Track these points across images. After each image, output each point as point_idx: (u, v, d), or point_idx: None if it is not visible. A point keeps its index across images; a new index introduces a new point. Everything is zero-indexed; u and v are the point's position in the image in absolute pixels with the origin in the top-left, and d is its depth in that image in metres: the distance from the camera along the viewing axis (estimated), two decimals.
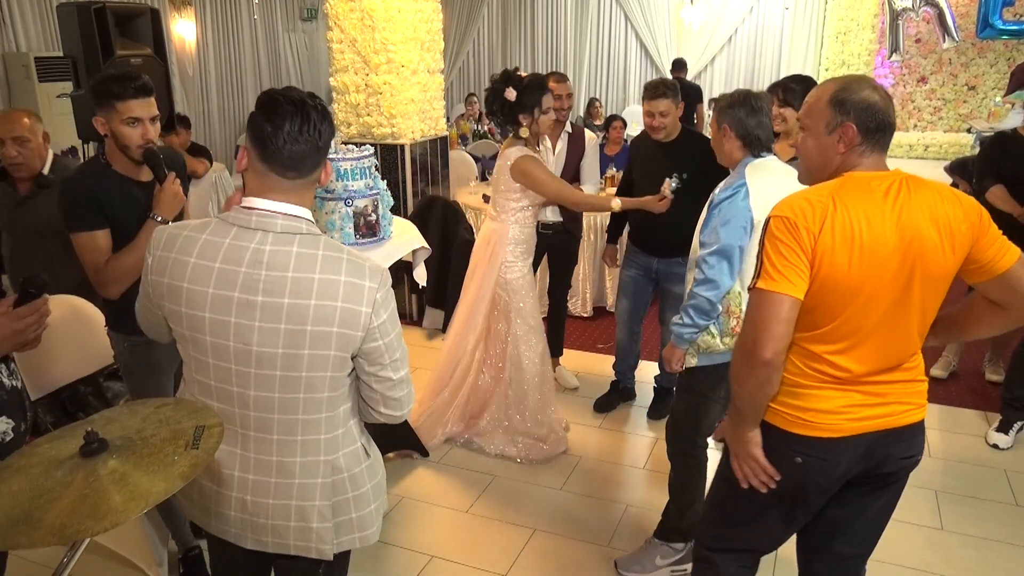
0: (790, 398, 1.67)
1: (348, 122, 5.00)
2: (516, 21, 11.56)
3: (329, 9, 4.84)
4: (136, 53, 3.72)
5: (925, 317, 1.64)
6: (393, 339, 1.49)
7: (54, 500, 1.06)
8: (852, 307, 1.58)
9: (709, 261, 2.28)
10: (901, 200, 1.56)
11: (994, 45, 9.20)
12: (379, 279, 1.45)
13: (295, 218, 1.44)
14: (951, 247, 1.56)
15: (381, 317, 1.45)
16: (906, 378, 1.67)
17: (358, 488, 1.58)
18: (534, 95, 3.16)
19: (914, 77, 9.78)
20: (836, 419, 1.64)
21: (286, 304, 1.40)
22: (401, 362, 1.52)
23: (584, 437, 3.59)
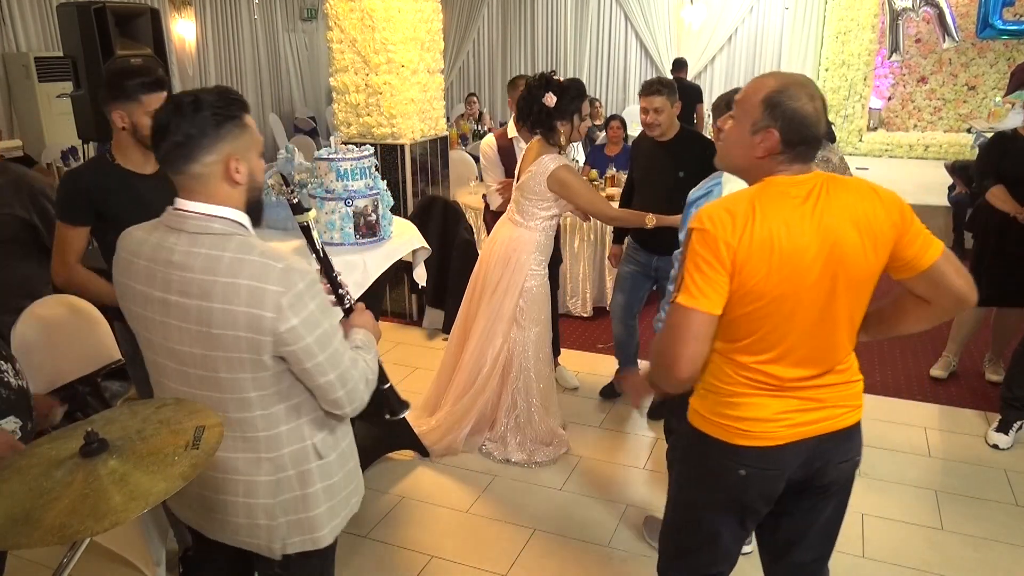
0: (727, 408, 1.64)
1: (348, 122, 5.00)
2: (516, 21, 11.56)
3: (329, 9, 4.84)
4: (136, 53, 3.72)
5: (853, 319, 1.62)
6: (311, 343, 1.41)
7: (54, 500, 1.06)
8: (776, 317, 1.55)
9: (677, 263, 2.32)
10: (821, 205, 1.53)
11: (994, 45, 9.20)
12: (288, 284, 1.38)
13: (209, 217, 1.43)
14: (873, 247, 1.54)
15: (290, 322, 1.38)
16: (840, 380, 1.65)
17: (306, 487, 1.56)
18: (574, 101, 3.07)
19: (914, 77, 9.79)
20: (774, 427, 1.62)
21: (194, 306, 1.40)
22: (327, 365, 1.45)
23: (584, 437, 3.59)
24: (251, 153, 1.49)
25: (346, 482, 1.67)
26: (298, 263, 1.43)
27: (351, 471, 1.70)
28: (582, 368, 4.33)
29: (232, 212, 1.46)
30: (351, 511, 1.73)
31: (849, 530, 2.86)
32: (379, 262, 2.75)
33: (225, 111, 1.43)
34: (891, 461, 3.34)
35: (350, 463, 1.69)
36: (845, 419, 1.66)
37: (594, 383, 4.14)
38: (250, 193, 1.51)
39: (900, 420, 3.72)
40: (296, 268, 1.41)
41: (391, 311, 5.18)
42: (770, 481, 1.68)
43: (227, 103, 1.44)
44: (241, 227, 1.46)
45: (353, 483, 1.72)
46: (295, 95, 10.51)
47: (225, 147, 1.43)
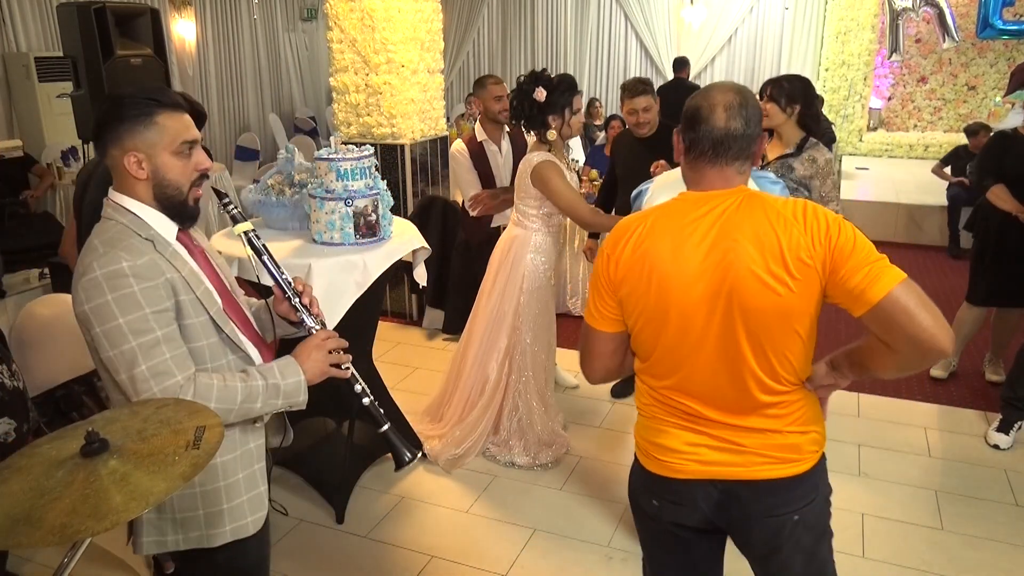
0: (646, 431, 1.59)
1: (348, 122, 5.00)
2: (516, 21, 11.56)
3: (329, 9, 4.84)
4: (136, 53, 3.72)
5: (770, 356, 1.43)
6: (99, 334, 1.41)
7: (55, 500, 1.06)
8: (663, 338, 1.47)
9: None
10: (722, 225, 1.40)
11: (994, 45, 9.20)
12: (85, 267, 1.43)
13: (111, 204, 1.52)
14: (785, 277, 1.36)
15: (80, 306, 1.43)
16: (765, 427, 1.48)
17: None
18: (565, 95, 3.04)
19: (914, 77, 9.79)
20: (681, 459, 1.52)
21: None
22: (117, 362, 1.42)
23: (584, 437, 3.59)
24: (159, 150, 1.49)
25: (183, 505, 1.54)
26: (118, 252, 1.42)
27: (197, 495, 1.54)
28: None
29: (128, 201, 1.50)
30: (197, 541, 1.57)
31: (849, 530, 2.86)
32: (379, 262, 2.75)
33: (133, 108, 1.46)
34: (891, 461, 3.34)
35: (196, 488, 1.53)
36: (767, 470, 1.48)
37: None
38: (158, 191, 1.51)
39: (900, 420, 3.72)
40: (105, 256, 1.42)
41: (391, 311, 5.18)
42: (681, 516, 1.57)
43: (143, 100, 1.47)
44: (130, 215, 1.49)
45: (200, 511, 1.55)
46: (295, 95, 10.51)
47: (127, 142, 1.47)
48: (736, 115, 1.43)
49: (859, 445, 3.44)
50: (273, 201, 2.97)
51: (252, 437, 1.61)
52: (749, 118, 1.44)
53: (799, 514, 1.51)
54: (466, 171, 3.77)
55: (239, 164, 8.69)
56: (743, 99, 1.45)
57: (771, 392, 1.45)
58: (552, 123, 3.06)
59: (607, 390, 4.03)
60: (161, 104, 1.49)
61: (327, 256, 2.68)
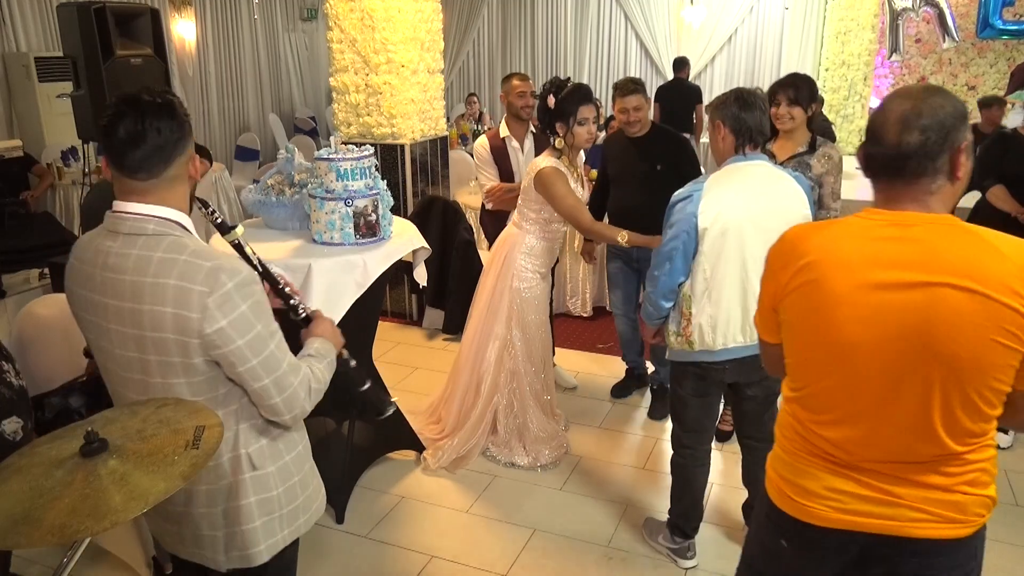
0: (785, 468, 1.45)
1: (348, 122, 5.01)
2: (516, 21, 11.56)
3: (329, 9, 4.84)
4: (136, 53, 3.72)
5: (956, 409, 1.27)
6: (241, 346, 1.37)
7: (54, 500, 1.06)
8: (826, 373, 1.33)
9: (653, 260, 2.40)
10: (918, 255, 1.25)
11: (994, 45, 9.20)
12: (212, 283, 1.34)
13: (145, 218, 1.39)
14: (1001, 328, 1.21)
15: (217, 323, 1.34)
16: (931, 482, 1.31)
17: (239, 499, 1.49)
18: (569, 103, 3.02)
19: (914, 77, 9.78)
20: (820, 504, 1.37)
21: (127, 308, 1.37)
22: (261, 369, 1.40)
23: (584, 437, 3.59)
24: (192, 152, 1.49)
25: (288, 498, 1.57)
26: (230, 262, 1.39)
27: (296, 486, 1.59)
28: (582, 368, 4.33)
29: (172, 212, 1.43)
30: (298, 530, 1.62)
31: None
32: (379, 262, 2.75)
33: (182, 109, 1.43)
34: None
35: (295, 477, 1.59)
36: (922, 528, 1.32)
37: (594, 383, 4.14)
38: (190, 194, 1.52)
39: None
40: (225, 267, 1.37)
41: (391, 311, 5.18)
42: (810, 565, 1.44)
43: (178, 103, 1.44)
44: (178, 227, 1.42)
45: (299, 499, 1.60)
46: (295, 95, 10.51)
47: (189, 146, 1.44)
48: (912, 128, 1.24)
49: None
50: (273, 201, 2.97)
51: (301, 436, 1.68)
52: (927, 128, 1.23)
53: None
54: (487, 165, 3.77)
55: (239, 164, 8.69)
56: (920, 108, 1.24)
57: (953, 444, 1.30)
58: (559, 130, 3.06)
59: (607, 390, 4.03)
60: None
61: (327, 256, 2.68)
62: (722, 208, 2.24)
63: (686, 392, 2.54)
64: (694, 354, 2.40)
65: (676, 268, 2.33)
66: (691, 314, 2.34)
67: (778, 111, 3.01)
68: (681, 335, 2.39)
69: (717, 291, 2.29)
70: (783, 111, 3.01)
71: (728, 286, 2.28)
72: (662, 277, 2.36)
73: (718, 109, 2.37)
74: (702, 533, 2.75)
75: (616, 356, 4.36)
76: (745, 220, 2.24)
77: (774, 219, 2.19)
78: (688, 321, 2.35)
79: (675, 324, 2.41)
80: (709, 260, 2.28)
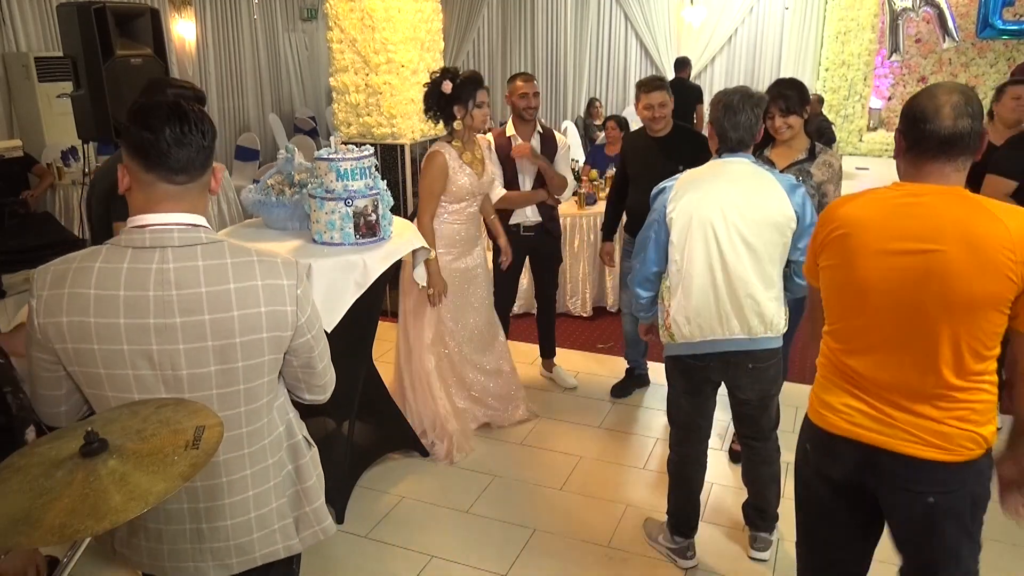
0: (818, 388, 1.78)
1: (348, 122, 5.01)
2: (516, 21, 11.56)
3: (329, 9, 4.84)
4: (136, 53, 3.72)
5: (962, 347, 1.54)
6: (318, 330, 1.49)
7: (54, 500, 1.06)
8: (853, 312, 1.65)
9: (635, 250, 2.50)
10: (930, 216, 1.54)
11: (994, 45, 9.21)
12: (295, 275, 1.43)
13: (192, 227, 1.35)
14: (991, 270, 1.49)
15: (307, 312, 1.44)
16: (923, 413, 1.59)
17: (305, 481, 1.58)
18: (468, 89, 3.21)
19: (914, 77, 9.79)
20: (836, 416, 1.70)
21: (208, 320, 1.33)
22: (325, 350, 1.53)
23: (584, 437, 3.59)
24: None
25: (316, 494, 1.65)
26: (284, 255, 1.46)
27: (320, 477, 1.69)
28: (582, 368, 4.33)
29: (199, 218, 1.40)
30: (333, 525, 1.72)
31: None
32: (379, 262, 2.75)
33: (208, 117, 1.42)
34: None
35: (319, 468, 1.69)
36: (909, 447, 1.60)
37: (594, 383, 4.14)
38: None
39: None
40: (290, 260, 1.45)
41: (391, 311, 5.17)
42: (828, 466, 1.74)
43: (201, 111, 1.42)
44: (212, 232, 1.41)
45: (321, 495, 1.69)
46: (295, 95, 10.52)
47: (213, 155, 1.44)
48: (963, 114, 1.51)
49: None
50: (273, 201, 2.97)
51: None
52: (974, 115, 1.53)
53: (935, 497, 1.62)
54: (492, 163, 3.77)
55: (239, 164, 8.70)
56: (968, 99, 1.53)
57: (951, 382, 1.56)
58: (458, 113, 3.24)
59: (607, 390, 4.03)
60: None
61: (327, 256, 2.68)
62: (691, 200, 2.31)
63: (676, 390, 2.60)
64: (678, 347, 2.45)
65: (649, 257, 2.42)
66: (669, 307, 2.40)
67: (774, 124, 2.99)
68: (664, 327, 2.44)
69: (687, 282, 2.34)
70: (779, 123, 2.98)
71: (697, 276, 2.31)
72: (637, 265, 2.46)
73: (710, 109, 2.42)
74: (702, 533, 2.75)
75: (616, 356, 4.36)
76: (715, 214, 2.27)
77: (751, 212, 2.26)
78: (667, 313, 2.41)
79: (660, 318, 2.47)
80: (678, 251, 2.34)
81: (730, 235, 2.27)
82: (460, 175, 3.27)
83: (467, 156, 3.31)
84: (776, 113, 2.98)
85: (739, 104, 2.32)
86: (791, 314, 2.44)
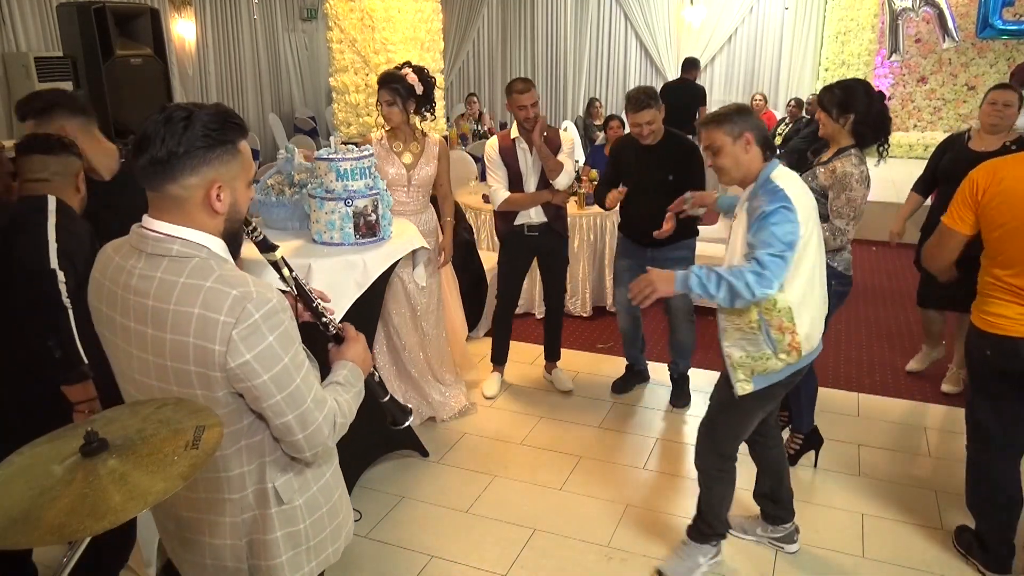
0: (985, 305, 2.36)
1: (348, 122, 5.01)
2: (516, 21, 11.56)
3: (329, 9, 4.85)
4: (136, 53, 3.72)
5: None
6: (267, 381, 1.28)
7: (54, 499, 1.05)
8: (1015, 244, 2.24)
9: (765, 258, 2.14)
10: None
11: (994, 45, 9.20)
12: (239, 313, 1.24)
13: (170, 239, 1.30)
14: None
15: (241, 357, 1.25)
16: None
17: (267, 533, 1.43)
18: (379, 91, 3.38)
19: (914, 77, 9.78)
20: (1011, 323, 2.29)
21: (149, 334, 1.29)
22: (285, 405, 1.31)
23: (584, 437, 3.59)
24: (238, 182, 1.36)
25: (316, 529, 1.51)
26: (260, 289, 1.29)
27: (324, 516, 1.53)
28: (582, 368, 4.33)
29: (198, 235, 1.32)
30: (327, 560, 1.56)
31: (849, 530, 2.86)
32: (379, 262, 2.76)
33: (219, 134, 1.30)
34: (891, 461, 3.34)
35: (323, 508, 1.53)
36: None
37: (594, 383, 4.14)
38: (229, 223, 1.37)
39: (900, 420, 3.72)
40: (254, 296, 1.26)
41: None
42: (1007, 362, 2.33)
43: (223, 125, 1.31)
44: (205, 249, 1.32)
45: (328, 529, 1.54)
46: (295, 95, 10.52)
47: (211, 172, 1.30)
48: None
49: (859, 445, 3.44)
50: (273, 201, 2.97)
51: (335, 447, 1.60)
52: None
53: None
54: (496, 166, 3.76)
55: None
56: None
57: None
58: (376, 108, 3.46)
59: (607, 390, 4.03)
60: (242, 130, 1.36)
61: (327, 256, 2.68)
62: (805, 212, 2.20)
63: (762, 413, 2.45)
64: (796, 364, 2.30)
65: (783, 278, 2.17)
66: (794, 326, 2.23)
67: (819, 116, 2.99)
68: (786, 351, 2.26)
69: (811, 293, 2.27)
70: (819, 115, 2.98)
71: (817, 283, 2.30)
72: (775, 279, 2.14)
73: (737, 123, 2.26)
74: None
75: (615, 356, 4.36)
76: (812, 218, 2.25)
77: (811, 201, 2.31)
78: (793, 333, 2.24)
79: (770, 346, 2.26)
80: (807, 264, 2.23)
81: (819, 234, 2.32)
82: (385, 163, 3.41)
83: (397, 146, 3.46)
84: (816, 106, 3.05)
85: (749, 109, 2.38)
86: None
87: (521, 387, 4.11)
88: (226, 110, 1.34)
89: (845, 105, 2.87)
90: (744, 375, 2.32)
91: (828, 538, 2.82)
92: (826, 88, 3.00)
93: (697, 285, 2.20)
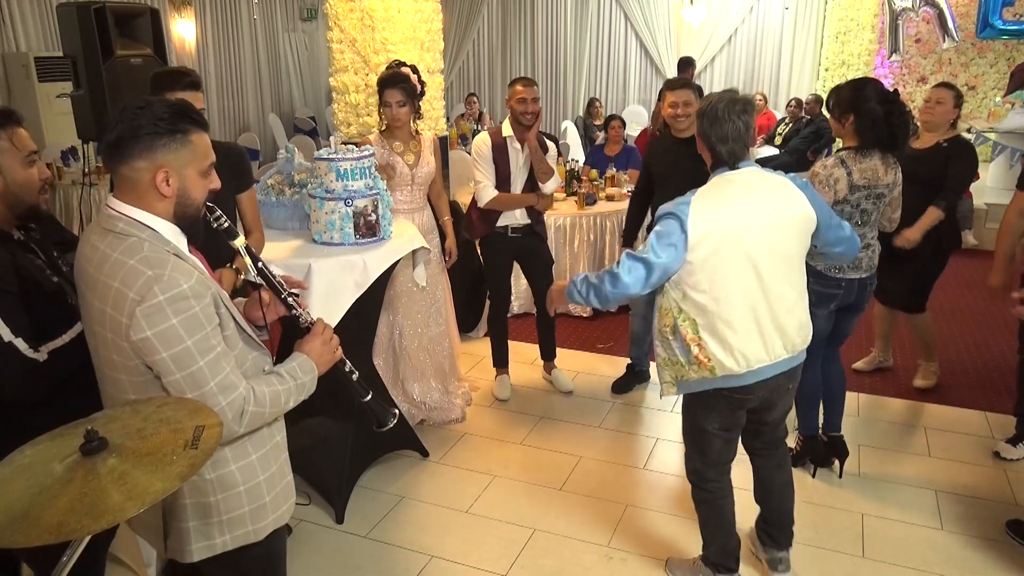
0: None
1: (348, 122, 5.01)
2: (516, 21, 11.56)
3: (329, 9, 4.84)
4: (136, 53, 3.72)
5: None
6: (165, 358, 1.38)
7: (53, 498, 1.06)
8: None
9: (626, 263, 2.16)
10: None
11: (994, 45, 9.19)
12: (145, 292, 1.36)
13: (119, 216, 1.44)
14: None
15: (142, 332, 1.36)
16: None
17: (176, 497, 1.54)
18: (379, 89, 3.33)
19: (914, 77, 9.77)
20: None
21: (87, 303, 1.46)
22: (184, 384, 1.40)
23: (584, 437, 3.59)
24: (188, 170, 1.46)
25: (229, 506, 1.57)
26: (176, 274, 1.38)
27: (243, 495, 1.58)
28: (582, 368, 4.33)
29: (146, 216, 1.44)
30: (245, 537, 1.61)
31: (849, 530, 2.86)
32: (379, 262, 2.75)
33: (168, 123, 1.42)
34: (891, 461, 3.34)
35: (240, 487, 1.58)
36: None
37: (594, 383, 4.14)
38: (179, 208, 1.48)
39: (900, 420, 3.71)
40: (163, 279, 1.37)
41: None
42: None
43: (175, 117, 1.43)
44: (148, 230, 1.43)
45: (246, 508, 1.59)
46: (295, 95, 10.52)
47: (158, 158, 1.42)
48: None
49: (859, 445, 3.44)
50: (273, 201, 2.97)
51: (277, 430, 1.67)
52: None
53: None
54: (486, 162, 3.73)
55: None
56: None
57: None
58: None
59: (607, 390, 4.03)
60: (196, 123, 1.47)
61: (327, 256, 2.68)
62: (713, 223, 2.10)
63: (712, 427, 2.33)
64: (717, 380, 2.20)
65: (648, 283, 2.15)
66: (700, 339, 2.17)
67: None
68: (695, 363, 2.19)
69: (727, 312, 2.13)
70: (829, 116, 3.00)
71: (737, 306, 2.13)
72: (631, 284, 2.15)
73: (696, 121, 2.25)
74: None
75: (615, 356, 4.36)
76: (743, 227, 2.10)
77: (778, 218, 2.13)
78: (700, 346, 2.17)
79: (682, 354, 2.21)
80: (707, 278, 2.12)
81: (763, 251, 2.11)
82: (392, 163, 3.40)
83: (398, 146, 3.43)
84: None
85: (724, 113, 2.17)
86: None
87: (521, 387, 4.10)
88: (184, 104, 1.50)
89: (844, 106, 2.87)
90: (669, 377, 2.29)
91: (828, 538, 2.82)
92: (834, 88, 3.00)
93: (571, 292, 2.30)
